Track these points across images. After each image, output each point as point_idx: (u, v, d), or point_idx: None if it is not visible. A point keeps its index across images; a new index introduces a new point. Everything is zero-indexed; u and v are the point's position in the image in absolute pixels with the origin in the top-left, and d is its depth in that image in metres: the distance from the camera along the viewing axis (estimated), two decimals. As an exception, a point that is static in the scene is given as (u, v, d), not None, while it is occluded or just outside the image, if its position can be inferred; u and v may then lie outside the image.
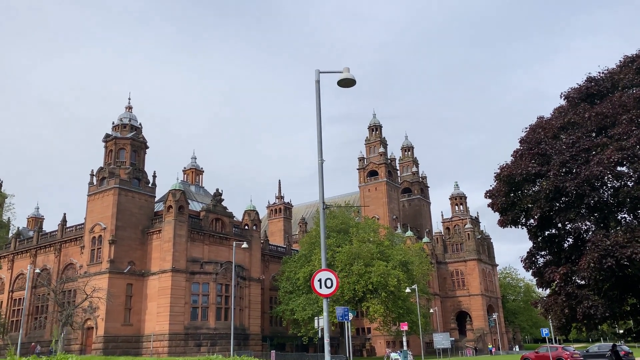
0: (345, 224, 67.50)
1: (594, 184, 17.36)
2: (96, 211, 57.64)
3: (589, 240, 17.20)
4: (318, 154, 12.65)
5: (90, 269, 55.88)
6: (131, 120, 62.16)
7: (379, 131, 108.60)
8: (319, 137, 12.75)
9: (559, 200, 18.24)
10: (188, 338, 54.19)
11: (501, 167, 19.83)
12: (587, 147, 17.65)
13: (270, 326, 71.10)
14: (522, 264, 20.77)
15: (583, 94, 19.56)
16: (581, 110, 18.69)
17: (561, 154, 17.84)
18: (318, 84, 13.17)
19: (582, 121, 18.36)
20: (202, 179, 71.38)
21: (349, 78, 12.56)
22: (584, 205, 17.89)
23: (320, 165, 12.58)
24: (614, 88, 18.87)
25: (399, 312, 59.95)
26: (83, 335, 54.36)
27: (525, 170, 18.33)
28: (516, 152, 20.02)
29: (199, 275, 57.00)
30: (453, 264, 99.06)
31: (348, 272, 58.98)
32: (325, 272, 12.05)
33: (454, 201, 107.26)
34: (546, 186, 17.60)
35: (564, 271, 17.79)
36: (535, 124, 20.07)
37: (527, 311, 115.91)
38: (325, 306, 12.48)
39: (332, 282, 12.06)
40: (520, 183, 18.87)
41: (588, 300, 17.28)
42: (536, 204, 18.18)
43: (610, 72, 19.54)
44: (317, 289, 12.07)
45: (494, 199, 19.88)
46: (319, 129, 12.77)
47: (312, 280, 12.14)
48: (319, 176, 12.55)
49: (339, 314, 28.69)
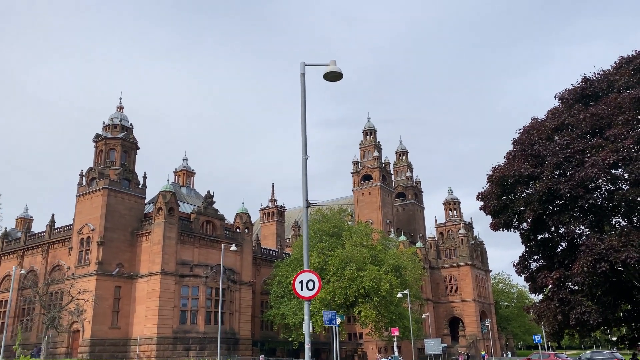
0: (338, 228, 66.91)
1: (588, 186, 16.91)
2: (85, 212, 56.79)
3: (582, 244, 16.73)
4: (302, 150, 12.12)
5: (77, 271, 54.97)
6: (122, 120, 61.40)
7: (373, 135, 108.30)
8: (304, 132, 12.23)
9: (553, 203, 17.77)
10: (177, 342, 53.33)
11: (493, 168, 19.35)
12: (581, 148, 17.20)
13: (261, 331, 70.31)
14: (515, 268, 20.27)
15: (578, 95, 19.15)
16: (576, 112, 18.26)
17: (555, 155, 17.38)
18: (303, 77, 12.66)
19: (577, 122, 17.92)
20: (194, 181, 70.64)
21: (335, 71, 12.06)
22: (578, 208, 17.43)
23: (304, 162, 12.05)
24: (610, 89, 18.46)
25: (391, 318, 59.36)
26: (69, 338, 53.38)
27: (518, 172, 17.85)
28: (509, 153, 19.55)
29: (189, 278, 56.22)
30: (446, 269, 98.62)
31: (340, 277, 58.37)
32: (307, 274, 11.48)
33: (448, 206, 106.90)
34: (539, 188, 17.12)
35: (557, 276, 17.30)
36: (529, 125, 19.62)
37: (520, 317, 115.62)
38: (307, 309, 11.90)
39: (315, 284, 11.49)
40: (513, 185, 18.39)
41: (581, 306, 16.79)
42: (529, 207, 17.70)
43: (605, 74, 19.13)
44: (298, 291, 11.50)
45: (486, 201, 19.38)
46: (303, 123, 12.24)
47: (294, 282, 11.58)
48: (303, 172, 12.01)
49: (326, 318, 27.84)
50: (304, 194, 11.78)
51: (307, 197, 11.80)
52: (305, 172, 11.91)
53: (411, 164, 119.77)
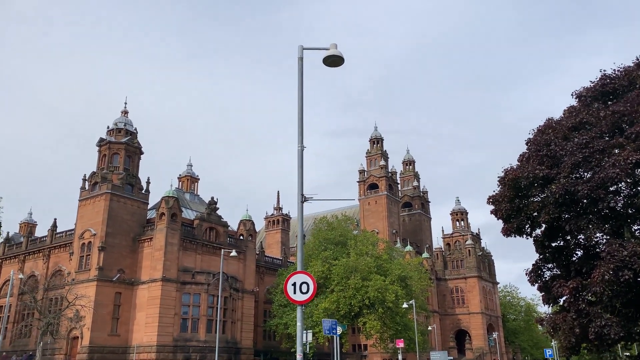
0: (344, 237, 65.82)
1: (609, 187, 15.80)
2: (87, 217, 56.07)
3: (603, 250, 15.56)
4: (298, 139, 11.19)
5: (78, 276, 54.13)
6: (126, 125, 60.86)
7: (380, 144, 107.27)
8: (300, 120, 11.31)
9: (570, 206, 16.65)
10: (177, 350, 52.20)
11: (506, 170, 18.25)
12: (601, 147, 16.10)
13: (264, 340, 69.03)
14: (527, 277, 19.07)
15: (597, 93, 18.06)
16: (595, 110, 17.18)
17: (573, 155, 16.28)
18: (301, 62, 11.77)
19: (596, 121, 16.84)
20: (198, 187, 69.84)
21: (336, 55, 11.14)
22: (597, 211, 16.30)
23: (300, 152, 11.12)
24: (631, 86, 17.40)
25: (397, 329, 57.99)
26: (68, 345, 52.42)
27: (532, 174, 16.75)
28: (522, 155, 18.45)
29: (190, 285, 55.20)
30: (453, 280, 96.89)
31: (344, 286, 57.19)
32: (300, 275, 10.44)
33: (455, 217, 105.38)
34: (556, 190, 16.01)
35: (574, 285, 16.10)
36: (544, 124, 18.55)
37: (527, 331, 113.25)
38: (300, 315, 10.83)
39: (309, 287, 10.42)
40: (526, 188, 17.29)
41: (601, 318, 15.59)
42: (544, 210, 16.58)
43: (626, 70, 18.06)
44: (290, 294, 10.47)
45: (497, 205, 18.26)
46: (300, 111, 11.33)
47: (285, 285, 10.55)
48: (298, 164, 11.07)
49: (326, 327, 26.50)
50: (299, 188, 10.81)
51: (302, 191, 10.85)
52: (301, 163, 10.98)
53: (418, 174, 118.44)
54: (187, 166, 69.38)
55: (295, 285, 10.42)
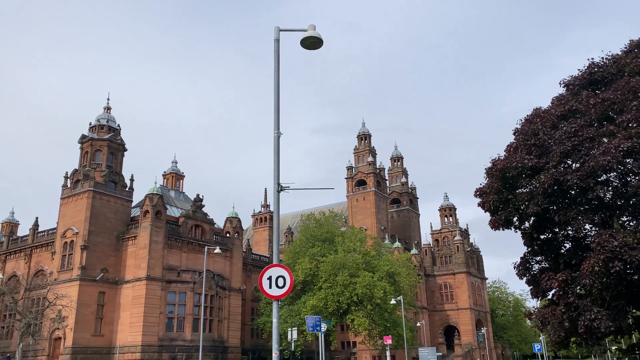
0: (331, 233, 65.34)
1: (599, 176, 15.37)
2: (69, 215, 54.95)
3: (593, 241, 15.12)
4: (274, 126, 10.55)
5: (60, 276, 53.04)
6: (109, 121, 59.72)
7: (367, 140, 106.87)
8: (276, 105, 10.66)
9: (559, 197, 16.20)
10: (162, 350, 51.36)
11: (493, 160, 17.74)
12: (591, 136, 15.65)
13: (252, 339, 68.37)
14: (516, 270, 18.61)
15: (585, 81, 17.63)
16: (584, 98, 16.74)
17: (562, 144, 15.82)
18: (277, 44, 11.13)
19: (586, 109, 16.39)
20: (183, 185, 68.82)
21: (314, 36, 10.53)
22: (587, 202, 15.87)
23: (276, 139, 10.48)
24: (620, 74, 16.99)
25: (385, 325, 57.64)
26: (50, 346, 51.37)
27: (520, 163, 16.25)
28: (510, 145, 17.97)
29: (176, 284, 54.35)
30: (442, 276, 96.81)
31: (332, 283, 56.75)
32: (276, 269, 9.84)
33: (444, 212, 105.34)
34: (545, 180, 15.52)
35: (563, 278, 15.66)
36: (532, 114, 18.06)
37: (516, 326, 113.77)
38: (275, 311, 10.21)
39: (285, 281, 9.83)
40: (514, 178, 16.81)
41: (591, 311, 15.17)
42: (533, 201, 16.10)
43: (614, 58, 17.66)
44: (265, 289, 9.87)
45: (484, 196, 17.75)
46: (276, 96, 10.66)
47: (261, 279, 9.93)
48: (274, 152, 10.41)
49: (310, 324, 25.80)
50: (274, 177, 10.18)
51: (279, 180, 10.22)
52: (277, 150, 10.34)
53: (406, 170, 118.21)
54: (171, 163, 68.37)
55: (271, 279, 9.83)
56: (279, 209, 10.41)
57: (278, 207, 10.36)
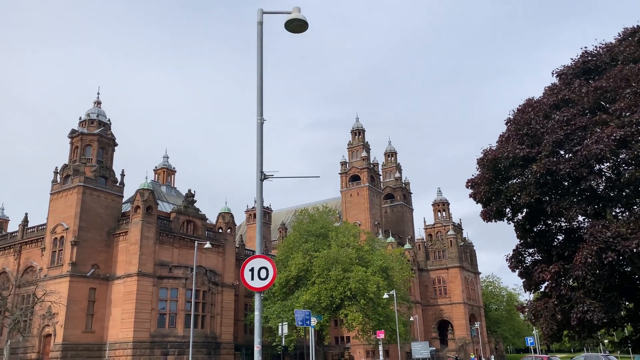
0: (325, 228, 65.07)
1: (592, 165, 15.12)
2: (59, 211, 54.28)
3: (586, 231, 14.88)
4: (257, 112, 10.18)
5: (50, 272, 52.42)
6: (99, 115, 59.01)
7: (361, 135, 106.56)
8: (260, 91, 10.30)
9: (551, 187, 15.93)
10: (154, 346, 50.92)
11: (485, 151, 17.44)
12: (584, 125, 15.38)
13: (245, 334, 68.02)
14: (508, 263, 18.35)
15: (578, 70, 17.35)
16: (577, 86, 16.46)
17: (554, 133, 15.54)
18: (260, 26, 10.73)
19: (578, 98, 16.11)
20: (174, 180, 68.20)
21: (298, 19, 10.16)
22: (580, 192, 15.62)
23: (259, 125, 10.11)
24: (613, 62, 16.73)
25: (378, 320, 57.50)
26: (40, 343, 50.80)
27: (512, 153, 15.96)
28: (502, 135, 17.67)
29: (168, 280, 53.88)
30: (435, 271, 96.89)
31: (325, 278, 56.53)
32: (259, 260, 9.47)
33: (437, 207, 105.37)
34: (537, 169, 15.25)
35: (555, 269, 15.42)
36: (525, 103, 17.75)
37: (509, 320, 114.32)
38: (258, 303, 9.86)
39: (268, 273, 9.46)
40: (506, 169, 16.54)
41: (584, 303, 14.93)
42: (524, 191, 15.82)
43: (608, 46, 17.38)
44: (247, 281, 9.50)
45: (475, 188, 17.46)
46: (259, 80, 10.30)
47: (242, 270, 9.59)
48: (257, 138, 10.05)
49: (299, 318, 25.37)
50: (257, 165, 9.81)
51: (262, 168, 9.86)
52: (260, 138, 9.98)
53: (400, 165, 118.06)
54: (163, 158, 67.71)
55: (254, 271, 9.45)
56: (262, 198, 10.06)
57: (261, 196, 10.01)
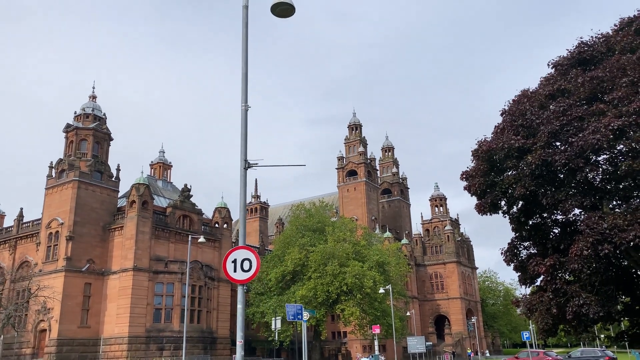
0: (322, 223, 64.86)
1: (588, 156, 14.85)
2: (54, 205, 54.01)
3: (582, 223, 14.63)
4: (242, 99, 9.90)
5: (45, 267, 52.21)
6: (94, 110, 58.63)
7: (358, 130, 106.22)
8: (244, 77, 9.99)
9: (547, 178, 15.67)
10: (149, 341, 50.79)
11: (479, 142, 17.17)
12: (580, 115, 15.10)
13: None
14: (503, 256, 18.11)
15: (574, 60, 17.06)
16: (573, 76, 16.19)
17: (550, 123, 15.26)
18: (246, 10, 10.42)
19: (574, 88, 15.83)
20: (171, 174, 67.90)
21: (285, 2, 9.84)
22: (576, 184, 15.36)
23: (243, 113, 9.82)
24: (610, 52, 16.45)
25: (375, 315, 57.40)
26: (35, 338, 50.61)
27: (507, 144, 15.68)
28: (497, 126, 17.39)
29: (163, 274, 53.71)
30: (432, 266, 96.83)
31: (322, 273, 56.35)
32: (242, 251, 9.15)
33: (434, 202, 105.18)
34: (532, 160, 14.98)
35: (550, 262, 15.17)
36: (520, 94, 17.45)
37: (506, 315, 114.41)
38: (241, 296, 9.57)
39: (252, 264, 9.18)
40: (501, 161, 16.28)
41: (579, 297, 14.69)
42: (519, 183, 15.56)
43: (604, 37, 17.09)
44: (230, 273, 9.20)
45: (470, 180, 17.20)
46: (244, 66, 10.01)
47: (225, 262, 9.30)
48: (242, 125, 9.77)
49: (290, 312, 24.95)
50: (241, 153, 9.51)
51: (246, 156, 9.56)
52: (244, 125, 9.69)
53: (397, 161, 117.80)
54: (159, 153, 67.37)
55: (236, 262, 9.16)
56: (245, 187, 9.78)
57: (245, 185, 9.72)
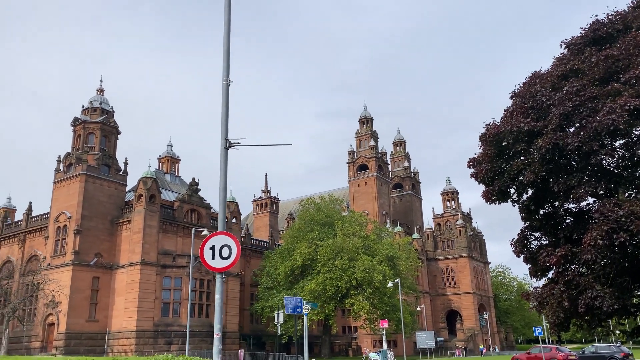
0: (331, 217, 64.30)
1: (603, 139, 13.93)
2: (62, 199, 53.98)
3: (596, 210, 13.74)
4: (223, 73, 9.21)
5: (53, 261, 52.22)
6: (102, 103, 58.45)
7: (369, 124, 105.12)
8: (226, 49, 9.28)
9: (558, 164, 14.78)
10: (157, 335, 50.61)
11: (487, 125, 16.31)
12: (594, 95, 14.16)
13: (251, 324, 67.62)
14: (513, 247, 17.27)
15: (589, 40, 16.07)
16: (587, 55, 15.24)
17: (562, 105, 14.33)
18: (229, -22, 9.75)
19: (588, 68, 14.88)
20: (179, 168, 67.61)
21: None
22: (590, 168, 14.44)
23: (224, 87, 9.15)
24: (627, 30, 15.49)
25: (385, 309, 56.74)
26: (44, 331, 50.68)
27: (516, 127, 14.79)
28: (506, 110, 16.50)
29: (171, 268, 53.44)
30: (443, 260, 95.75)
31: (331, 267, 55.85)
32: (221, 237, 8.42)
33: (446, 197, 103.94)
34: (542, 144, 14.11)
35: (562, 253, 14.29)
36: (531, 76, 16.51)
37: (519, 311, 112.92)
38: (219, 285, 8.86)
39: (231, 251, 8.45)
40: (510, 146, 15.42)
41: (592, 289, 13.83)
42: (529, 168, 14.70)
43: (620, 14, 16.10)
44: (207, 260, 8.49)
45: (477, 166, 16.34)
46: (226, 38, 9.31)
47: (202, 249, 8.57)
48: (222, 102, 9.08)
49: (290, 305, 23.98)
50: (222, 131, 8.82)
51: (227, 135, 8.86)
52: (226, 101, 9.02)
53: (409, 155, 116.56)
54: (167, 146, 67.11)
55: (214, 249, 8.47)
56: (226, 168, 9.08)
57: (225, 166, 9.03)
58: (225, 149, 8.98)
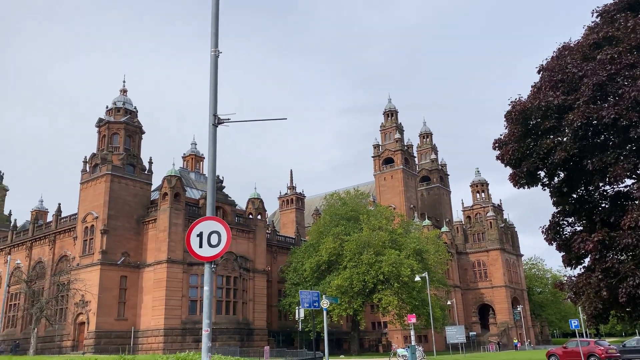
0: (356, 212, 63.28)
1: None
2: (88, 200, 54.56)
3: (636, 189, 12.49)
4: (212, 43, 8.50)
5: (82, 261, 52.82)
6: (125, 103, 58.84)
7: (394, 117, 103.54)
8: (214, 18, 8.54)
9: (592, 140, 13.55)
10: (185, 333, 50.66)
11: (513, 102, 15.14)
12: (631, 62, 12.88)
13: (279, 321, 67.31)
14: (544, 235, 16.04)
15: (624, 4, 14.70)
16: (622, 22, 13.95)
17: (595, 74, 13.10)
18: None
19: (624, 35, 13.57)
20: (203, 166, 67.68)
21: None
22: (628, 143, 13.17)
23: (213, 59, 8.42)
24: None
25: (414, 304, 55.49)
26: (75, 330, 51.35)
27: (545, 102, 13.61)
28: (534, 85, 15.28)
29: (198, 266, 53.24)
30: (474, 254, 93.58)
31: (357, 262, 54.91)
32: (209, 222, 7.57)
33: (475, 188, 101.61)
34: (574, 119, 12.91)
35: (599, 238, 13.08)
36: (561, 48, 15.23)
37: (555, 304, 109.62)
38: (208, 275, 7.99)
39: (220, 238, 7.55)
40: (538, 123, 14.24)
41: (634, 276, 12.59)
42: (560, 146, 13.51)
43: (658, -22, 14.76)
44: (194, 249, 7.61)
45: (503, 147, 15.19)
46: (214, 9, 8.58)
47: (188, 236, 7.71)
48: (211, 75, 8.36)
49: (305, 300, 22.79)
50: (210, 107, 8.10)
51: (216, 111, 8.11)
52: (214, 74, 8.30)
53: (436, 147, 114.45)
54: (191, 145, 67.29)
55: (202, 236, 7.66)
56: (215, 146, 8.36)
57: (214, 144, 8.31)
58: (213, 125, 8.25)
